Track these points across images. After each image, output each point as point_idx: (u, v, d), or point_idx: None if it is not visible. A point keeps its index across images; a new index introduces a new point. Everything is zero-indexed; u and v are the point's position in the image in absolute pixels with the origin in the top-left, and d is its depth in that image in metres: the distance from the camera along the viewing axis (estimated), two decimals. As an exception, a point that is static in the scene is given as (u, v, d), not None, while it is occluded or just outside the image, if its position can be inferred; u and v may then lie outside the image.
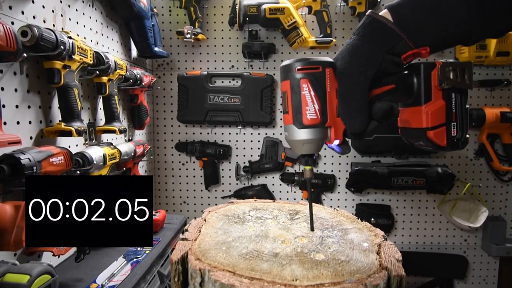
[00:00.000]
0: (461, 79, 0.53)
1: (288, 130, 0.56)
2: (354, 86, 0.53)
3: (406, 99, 0.56)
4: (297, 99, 0.53)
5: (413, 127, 0.57)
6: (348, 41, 0.54)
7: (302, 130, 0.54)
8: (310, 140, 0.55)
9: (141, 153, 1.28)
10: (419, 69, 0.54)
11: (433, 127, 0.54)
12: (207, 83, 1.64)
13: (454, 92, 0.54)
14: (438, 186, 1.59)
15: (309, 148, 0.56)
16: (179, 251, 0.52)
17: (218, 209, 0.72)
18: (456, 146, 0.55)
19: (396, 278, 0.46)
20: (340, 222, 0.65)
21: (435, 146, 0.56)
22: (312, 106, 0.53)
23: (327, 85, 0.53)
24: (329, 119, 0.54)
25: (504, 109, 1.58)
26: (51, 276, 0.61)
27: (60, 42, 0.78)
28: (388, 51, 0.52)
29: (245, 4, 1.54)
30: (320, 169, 1.73)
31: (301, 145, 0.56)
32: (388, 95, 0.55)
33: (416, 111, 0.56)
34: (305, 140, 0.55)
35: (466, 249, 1.74)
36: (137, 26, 1.35)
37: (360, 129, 0.55)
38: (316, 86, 0.53)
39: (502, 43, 1.50)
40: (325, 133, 0.55)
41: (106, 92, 1.06)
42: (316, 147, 0.56)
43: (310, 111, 0.53)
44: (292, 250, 0.52)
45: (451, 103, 0.54)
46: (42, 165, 0.70)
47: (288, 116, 0.55)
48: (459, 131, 0.55)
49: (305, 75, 0.53)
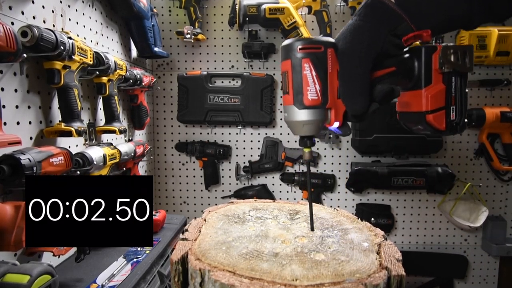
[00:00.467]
0: (462, 62, 0.53)
1: (288, 111, 0.56)
2: (356, 67, 0.53)
3: (406, 83, 0.56)
4: (298, 79, 0.53)
5: (412, 110, 0.57)
6: (349, 22, 0.54)
7: (302, 111, 0.54)
8: (311, 121, 0.54)
9: (141, 153, 1.28)
10: (420, 52, 0.54)
11: (433, 111, 0.54)
12: (207, 83, 1.64)
13: (454, 76, 0.54)
14: (438, 186, 1.59)
15: (309, 129, 0.56)
16: (179, 251, 0.52)
17: (218, 209, 0.72)
18: (454, 130, 0.55)
19: (396, 278, 0.46)
20: (340, 222, 0.65)
21: (434, 130, 0.55)
22: (313, 87, 0.53)
23: (328, 65, 0.53)
24: (330, 101, 0.54)
25: (504, 109, 1.58)
26: (51, 276, 0.61)
27: (60, 43, 0.78)
28: (389, 32, 0.52)
29: (245, 4, 1.54)
30: (320, 169, 1.73)
31: (301, 126, 0.55)
32: (389, 78, 0.54)
33: (416, 94, 0.55)
34: (305, 121, 0.54)
35: (466, 249, 1.74)
36: (137, 26, 1.35)
37: (361, 110, 0.55)
38: (317, 66, 0.52)
39: (502, 43, 1.50)
40: (325, 114, 0.55)
41: (106, 92, 1.06)
42: (316, 129, 0.56)
43: (311, 91, 0.53)
44: (292, 250, 0.52)
45: (451, 87, 0.54)
46: (42, 165, 0.70)
47: (289, 97, 0.55)
48: (458, 115, 0.55)
49: (306, 55, 0.52)
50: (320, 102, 0.53)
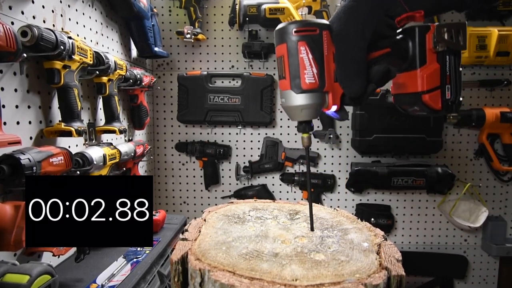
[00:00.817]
0: (455, 40, 0.53)
1: (285, 96, 0.55)
2: (351, 48, 0.52)
3: (401, 64, 0.56)
4: (295, 63, 0.52)
5: (408, 92, 0.57)
6: (343, 3, 0.54)
7: (300, 95, 0.53)
8: (309, 105, 0.54)
9: (141, 153, 1.28)
10: (413, 32, 0.54)
11: (428, 91, 0.54)
12: (207, 83, 1.64)
13: (449, 55, 0.54)
14: (438, 186, 1.59)
15: (307, 114, 0.55)
16: (179, 251, 0.52)
17: (218, 209, 0.72)
18: (450, 109, 0.55)
19: (396, 278, 0.46)
20: (340, 222, 0.65)
21: (430, 110, 0.56)
22: (310, 70, 0.52)
23: (324, 48, 0.52)
24: (327, 84, 0.54)
25: (504, 109, 1.58)
26: (51, 276, 0.61)
27: (60, 42, 0.78)
28: (383, 12, 0.52)
29: (245, 4, 1.54)
30: (320, 169, 1.73)
31: (299, 111, 0.55)
32: (384, 59, 0.55)
33: (411, 75, 0.56)
34: (303, 105, 0.54)
35: (466, 249, 1.74)
36: (137, 26, 1.35)
37: (359, 92, 0.54)
38: (313, 49, 0.52)
39: (502, 43, 1.50)
40: (323, 98, 0.55)
41: (106, 92, 1.06)
42: (314, 113, 0.55)
43: (308, 75, 0.52)
44: (292, 250, 0.52)
45: (446, 66, 0.54)
46: (42, 165, 0.70)
47: (285, 81, 0.54)
48: (453, 94, 0.55)
49: (302, 37, 0.52)
50: (318, 86, 0.53)
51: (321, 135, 1.65)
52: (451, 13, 1.62)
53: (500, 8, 1.54)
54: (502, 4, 1.53)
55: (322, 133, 1.64)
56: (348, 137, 1.70)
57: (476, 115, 1.57)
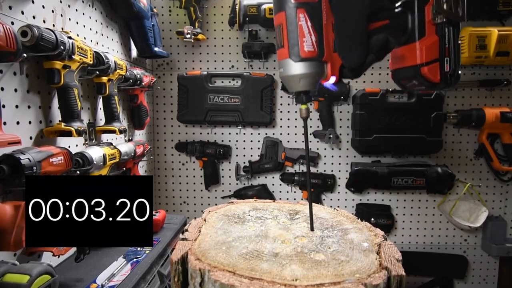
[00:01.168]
0: (455, 10, 0.53)
1: (284, 65, 0.54)
2: (351, 17, 0.52)
3: (400, 36, 0.56)
4: (294, 31, 0.52)
5: (407, 65, 0.57)
6: None
7: (298, 63, 0.53)
8: (307, 74, 0.53)
9: (141, 153, 1.28)
10: (413, 4, 0.54)
11: (427, 63, 0.54)
12: (207, 83, 1.64)
13: (447, 26, 0.54)
14: (438, 186, 1.59)
15: (306, 83, 0.54)
16: (179, 251, 0.52)
17: (218, 209, 0.72)
18: (448, 82, 0.55)
19: (396, 278, 0.46)
20: (340, 222, 0.65)
21: (429, 83, 0.55)
22: (309, 38, 0.52)
23: (323, 16, 0.52)
24: (326, 53, 0.53)
25: (504, 109, 1.58)
26: (51, 276, 0.61)
27: (60, 42, 0.78)
28: None
29: (245, 4, 1.54)
30: (320, 169, 1.73)
31: (297, 80, 0.54)
32: (383, 31, 0.54)
33: (411, 48, 0.55)
34: (302, 74, 0.53)
35: (466, 249, 1.74)
36: (137, 26, 1.35)
37: (358, 62, 0.54)
38: (312, 17, 0.51)
39: (502, 43, 1.50)
40: (322, 68, 0.54)
41: (106, 92, 1.06)
42: (313, 82, 0.55)
43: (307, 43, 0.52)
44: (292, 250, 0.52)
45: (445, 38, 0.54)
46: (42, 165, 0.70)
47: (284, 50, 0.53)
48: (452, 66, 0.54)
49: (301, 5, 0.51)
50: (317, 54, 0.52)
51: (321, 135, 1.65)
52: None
53: (500, 8, 1.54)
54: (502, 4, 1.53)
55: (322, 133, 1.64)
56: (348, 137, 1.70)
57: (476, 115, 1.57)
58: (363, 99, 1.59)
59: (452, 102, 1.67)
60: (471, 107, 1.65)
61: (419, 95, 1.58)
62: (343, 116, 1.69)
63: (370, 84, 1.67)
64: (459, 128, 1.67)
